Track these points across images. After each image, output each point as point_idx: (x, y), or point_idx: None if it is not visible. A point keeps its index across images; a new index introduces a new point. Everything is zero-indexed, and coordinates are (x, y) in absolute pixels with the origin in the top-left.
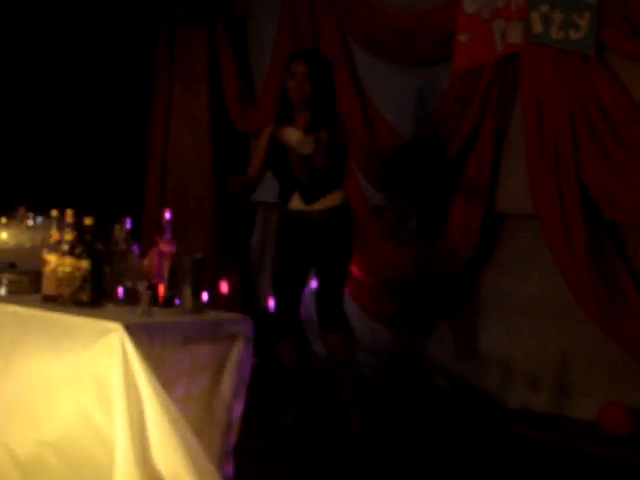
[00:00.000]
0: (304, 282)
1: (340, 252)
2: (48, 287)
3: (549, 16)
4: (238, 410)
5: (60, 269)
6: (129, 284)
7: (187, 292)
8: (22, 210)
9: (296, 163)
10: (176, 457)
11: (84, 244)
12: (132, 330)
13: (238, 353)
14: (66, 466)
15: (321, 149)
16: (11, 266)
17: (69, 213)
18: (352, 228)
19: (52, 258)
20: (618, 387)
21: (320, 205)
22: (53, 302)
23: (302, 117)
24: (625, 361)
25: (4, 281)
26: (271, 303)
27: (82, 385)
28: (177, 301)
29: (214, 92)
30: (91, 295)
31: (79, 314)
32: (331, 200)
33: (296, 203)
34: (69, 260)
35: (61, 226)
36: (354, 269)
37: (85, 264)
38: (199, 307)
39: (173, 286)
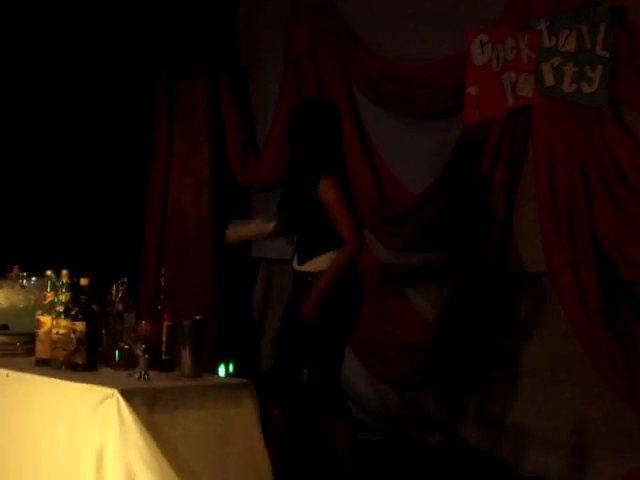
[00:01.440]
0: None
1: (329, 323)
2: (42, 350)
3: (561, 69)
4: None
5: (54, 331)
6: (126, 347)
7: (186, 355)
8: (16, 270)
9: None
10: None
11: (79, 305)
12: (129, 396)
13: (243, 418)
14: None
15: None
16: (4, 328)
17: (64, 273)
18: (348, 294)
19: (46, 320)
20: (636, 453)
21: (308, 267)
22: (47, 366)
23: None
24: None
25: None
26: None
27: (78, 453)
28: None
29: (215, 144)
30: (86, 358)
31: (74, 379)
32: (320, 263)
33: (294, 262)
34: (64, 322)
35: (56, 287)
36: (361, 328)
37: (80, 326)
38: (199, 371)
39: (172, 349)
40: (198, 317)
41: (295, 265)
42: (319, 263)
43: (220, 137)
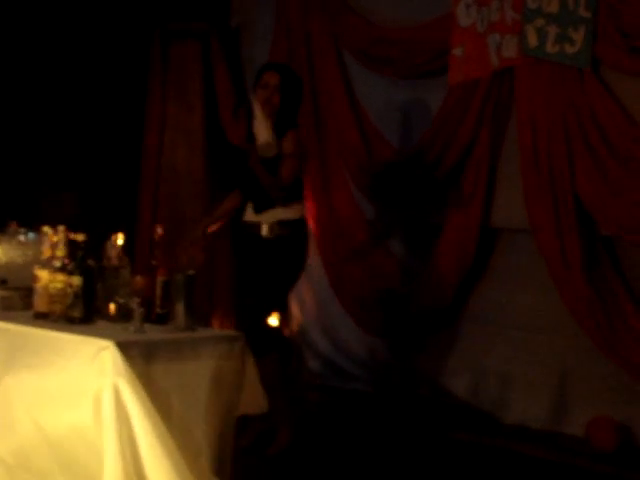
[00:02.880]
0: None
1: (279, 268)
2: (40, 304)
3: (544, 30)
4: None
5: (52, 285)
6: (121, 301)
7: (180, 309)
8: (13, 225)
9: (263, 176)
10: (162, 473)
11: (76, 260)
12: (124, 347)
13: (235, 369)
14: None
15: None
16: (2, 282)
17: (61, 229)
18: (302, 248)
19: (44, 274)
20: (612, 402)
21: (270, 217)
22: (45, 319)
23: None
24: (620, 375)
25: None
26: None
27: (74, 402)
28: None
29: (208, 106)
30: (83, 312)
31: (71, 331)
32: (283, 213)
33: (249, 214)
34: (61, 276)
35: (53, 242)
36: (348, 281)
37: (77, 280)
38: (192, 324)
39: (166, 303)
40: (191, 272)
41: (251, 216)
42: (285, 212)
43: (213, 99)
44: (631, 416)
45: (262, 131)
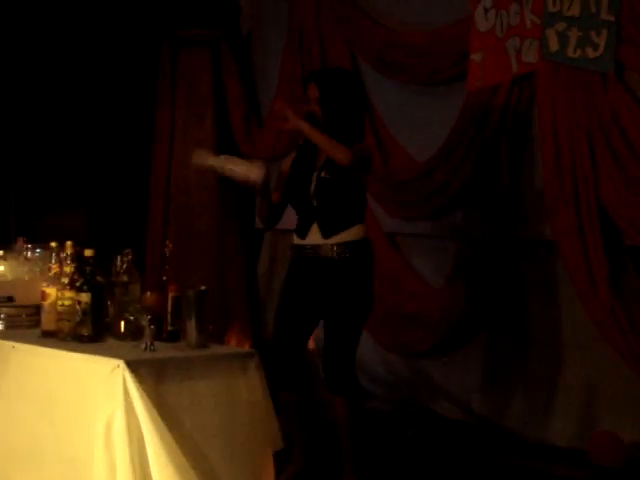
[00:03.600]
0: (310, 328)
1: (355, 297)
2: (47, 322)
3: (565, 34)
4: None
5: (60, 303)
6: (131, 318)
7: (191, 326)
8: (20, 242)
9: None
10: None
11: (84, 276)
12: (135, 366)
13: (250, 387)
14: None
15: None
16: (9, 300)
17: (68, 244)
18: (371, 269)
19: (51, 291)
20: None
21: (337, 239)
22: (53, 337)
23: None
24: None
25: (2, 315)
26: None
27: (85, 424)
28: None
29: (219, 114)
30: (92, 330)
31: (80, 350)
32: (348, 235)
33: (313, 237)
34: (69, 293)
35: (61, 258)
36: None
37: (85, 297)
38: (204, 341)
39: (177, 320)
40: (203, 287)
41: (315, 239)
42: (350, 234)
43: (223, 107)
44: None
45: (244, 172)
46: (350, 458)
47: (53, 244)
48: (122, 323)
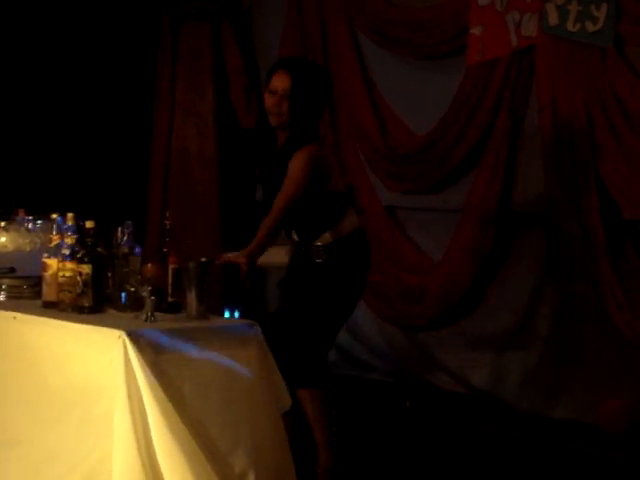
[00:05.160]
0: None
1: (317, 294)
2: (49, 293)
3: (565, 8)
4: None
5: (61, 274)
6: (132, 289)
7: (192, 297)
8: (21, 213)
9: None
10: (175, 464)
11: (85, 248)
12: (135, 337)
13: (251, 359)
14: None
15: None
16: (11, 271)
17: (70, 216)
18: (346, 267)
19: (52, 262)
20: (636, 388)
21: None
22: (54, 308)
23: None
24: None
25: (3, 286)
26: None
27: (85, 393)
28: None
29: (219, 88)
30: (93, 301)
31: (81, 321)
32: (322, 240)
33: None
34: (70, 265)
35: (62, 229)
36: None
37: (86, 269)
38: (204, 313)
39: (177, 291)
40: (203, 259)
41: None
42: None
43: (224, 81)
44: None
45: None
46: (325, 445)
47: (54, 216)
48: (123, 294)
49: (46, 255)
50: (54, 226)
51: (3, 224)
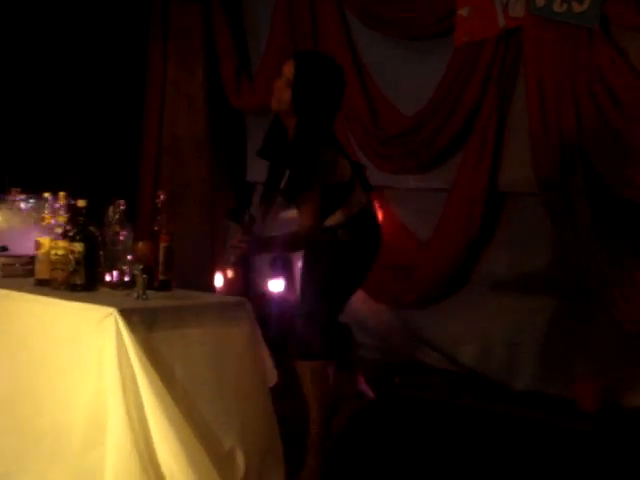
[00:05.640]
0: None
1: (322, 273)
2: (41, 271)
3: None
4: (258, 399)
5: (53, 252)
6: (124, 267)
7: None
8: (14, 192)
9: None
10: (168, 444)
11: (77, 227)
12: (127, 314)
13: (242, 337)
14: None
15: None
16: (3, 249)
17: (62, 195)
18: (349, 250)
19: (45, 241)
20: (622, 365)
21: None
22: (46, 286)
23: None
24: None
25: None
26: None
27: (77, 370)
28: None
29: (210, 69)
30: (85, 279)
31: (73, 298)
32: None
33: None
34: (62, 243)
35: (54, 208)
36: None
37: (79, 247)
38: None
39: (168, 269)
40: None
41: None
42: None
43: (215, 61)
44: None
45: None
46: (318, 418)
47: (46, 195)
48: (115, 272)
49: (38, 234)
50: (46, 205)
51: None
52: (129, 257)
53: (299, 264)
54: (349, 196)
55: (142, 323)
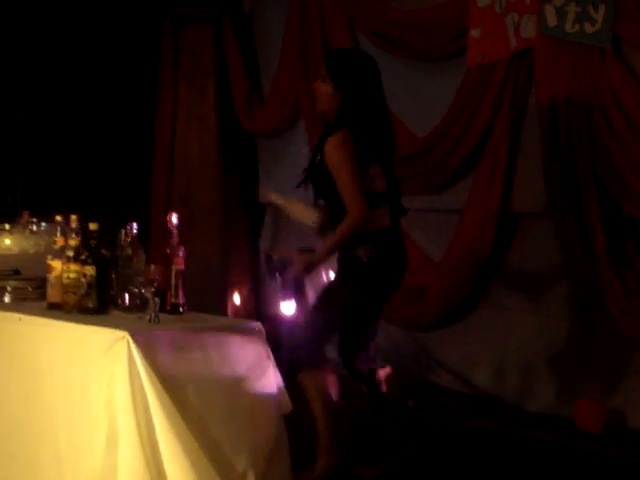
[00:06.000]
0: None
1: (337, 292)
2: (53, 294)
3: (564, 9)
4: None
5: (65, 275)
6: (136, 290)
7: None
8: (25, 215)
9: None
10: (181, 469)
11: (89, 250)
12: (139, 338)
13: (254, 360)
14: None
15: None
16: (15, 273)
17: (73, 218)
18: (380, 261)
19: (57, 264)
20: (633, 388)
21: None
22: (58, 309)
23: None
24: None
25: (8, 288)
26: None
27: (88, 394)
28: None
29: (221, 91)
30: (97, 302)
31: (85, 322)
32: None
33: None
34: (74, 266)
35: (66, 231)
36: None
37: (90, 270)
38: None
39: (180, 292)
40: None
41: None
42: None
43: (226, 84)
44: None
45: (300, 215)
46: (326, 440)
47: (58, 218)
48: (126, 296)
49: (50, 257)
50: (58, 228)
51: (7, 227)
52: (141, 280)
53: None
54: (377, 209)
55: (154, 347)
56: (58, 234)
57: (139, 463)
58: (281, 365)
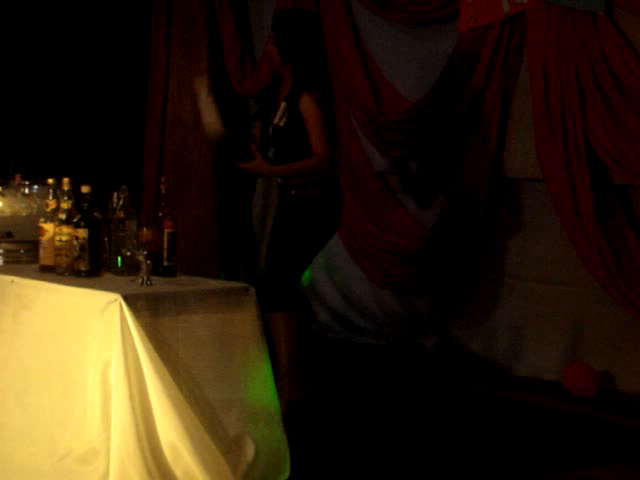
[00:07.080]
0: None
1: (293, 228)
2: (45, 257)
3: None
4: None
5: (57, 238)
6: (128, 253)
7: None
8: (18, 178)
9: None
10: (172, 429)
11: (82, 212)
12: (131, 300)
13: (246, 322)
14: (60, 436)
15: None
16: (7, 235)
17: (66, 181)
18: (319, 208)
19: (49, 227)
20: (626, 352)
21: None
22: (51, 272)
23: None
24: (633, 326)
25: (1, 251)
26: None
27: (82, 357)
28: None
29: (213, 56)
30: (89, 265)
31: (77, 284)
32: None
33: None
34: (66, 229)
35: (58, 194)
36: (359, 234)
37: (83, 233)
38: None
39: (172, 255)
40: None
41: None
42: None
43: (218, 48)
44: None
45: (204, 110)
46: (289, 369)
47: (50, 180)
48: (119, 259)
49: (42, 220)
50: (50, 191)
51: (0, 189)
52: (133, 243)
53: None
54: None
55: (146, 309)
56: (50, 197)
57: (130, 423)
58: None
